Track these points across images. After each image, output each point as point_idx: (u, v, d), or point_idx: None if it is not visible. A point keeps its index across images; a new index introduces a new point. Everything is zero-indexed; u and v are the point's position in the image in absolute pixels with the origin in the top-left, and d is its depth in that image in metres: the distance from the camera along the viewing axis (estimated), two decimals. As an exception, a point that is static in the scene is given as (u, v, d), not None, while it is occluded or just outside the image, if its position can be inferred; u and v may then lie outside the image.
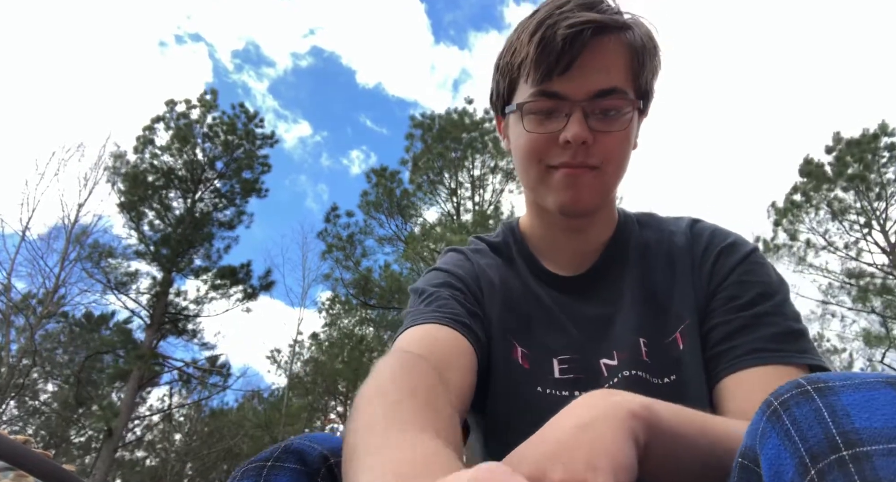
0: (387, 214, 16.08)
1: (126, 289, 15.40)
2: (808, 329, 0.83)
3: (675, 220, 0.98)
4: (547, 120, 0.81)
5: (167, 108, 16.53)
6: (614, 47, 0.79)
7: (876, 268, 14.31)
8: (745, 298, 0.81)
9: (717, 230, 0.92)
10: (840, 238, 14.77)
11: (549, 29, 0.77)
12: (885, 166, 14.25)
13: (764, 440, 0.46)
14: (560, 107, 0.80)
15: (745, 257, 0.86)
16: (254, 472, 0.55)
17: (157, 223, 15.71)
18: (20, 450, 1.16)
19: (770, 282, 0.84)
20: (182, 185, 16.10)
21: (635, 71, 0.82)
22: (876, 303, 13.89)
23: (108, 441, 13.39)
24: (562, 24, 0.77)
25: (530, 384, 0.85)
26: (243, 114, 17.11)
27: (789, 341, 0.78)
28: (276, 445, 0.58)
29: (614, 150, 0.82)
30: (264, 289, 16.72)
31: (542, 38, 0.78)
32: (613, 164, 0.83)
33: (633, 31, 0.81)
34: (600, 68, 0.79)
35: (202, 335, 16.16)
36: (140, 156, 15.94)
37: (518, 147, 0.86)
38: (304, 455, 0.57)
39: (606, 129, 0.80)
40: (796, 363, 0.75)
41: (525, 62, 0.80)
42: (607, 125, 0.80)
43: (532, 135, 0.82)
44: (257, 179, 17.06)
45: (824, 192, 14.79)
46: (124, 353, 14.93)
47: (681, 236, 0.92)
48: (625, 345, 0.85)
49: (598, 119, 0.80)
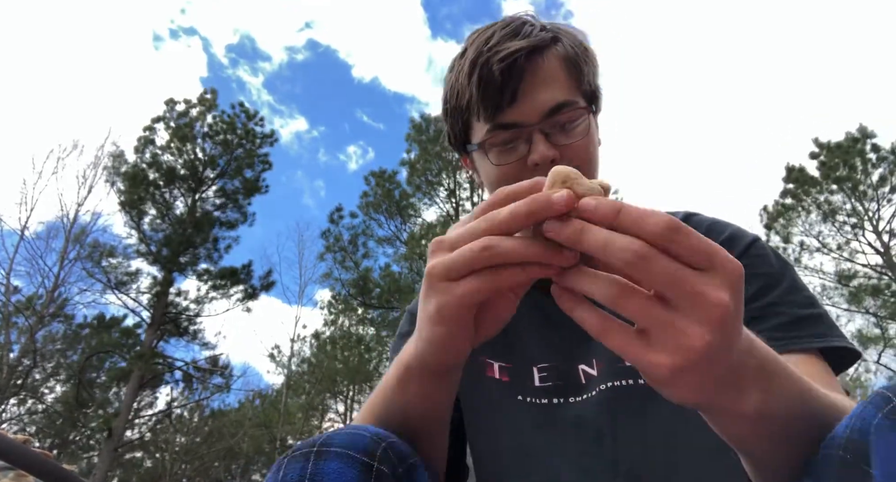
0: (386, 215, 16.09)
1: (126, 289, 15.42)
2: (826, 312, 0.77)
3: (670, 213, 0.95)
4: (510, 149, 0.82)
5: (167, 108, 16.57)
6: (549, 65, 0.81)
7: (870, 269, 14.33)
8: (750, 291, 0.76)
9: (714, 224, 0.89)
10: (833, 239, 14.80)
11: (483, 67, 0.80)
12: (872, 168, 14.28)
13: (880, 437, 0.43)
14: (518, 134, 0.81)
15: (745, 251, 0.83)
16: (301, 459, 0.52)
17: (157, 222, 15.72)
18: (20, 449, 1.16)
19: (772, 272, 0.80)
20: (183, 184, 16.10)
21: (576, 78, 0.84)
22: (870, 303, 13.91)
23: (108, 441, 13.42)
24: (494, 60, 0.79)
25: (511, 395, 0.84)
26: (243, 113, 17.16)
27: (800, 327, 0.74)
28: (322, 434, 0.56)
29: (582, 157, 0.83)
30: (264, 289, 16.76)
31: (479, 77, 0.80)
32: (586, 167, 0.83)
33: (561, 43, 0.83)
34: (543, 88, 0.80)
35: (203, 335, 16.18)
36: (140, 155, 15.97)
37: (490, 181, 0.87)
38: (354, 439, 0.54)
39: (569, 141, 0.81)
40: (811, 347, 0.72)
41: (472, 103, 0.83)
42: (569, 137, 0.82)
43: (501, 167, 0.83)
44: (258, 177, 17.06)
45: (814, 195, 14.81)
46: (125, 353, 14.95)
47: None
48: (604, 352, 0.82)
49: (559, 133, 0.81)
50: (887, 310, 13.66)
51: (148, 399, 17.91)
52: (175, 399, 17.32)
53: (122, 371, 14.77)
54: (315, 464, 0.51)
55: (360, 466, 0.51)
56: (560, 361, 0.84)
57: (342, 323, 19.30)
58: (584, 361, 0.83)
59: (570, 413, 0.80)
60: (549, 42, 0.82)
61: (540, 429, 0.80)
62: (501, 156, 0.83)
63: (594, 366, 0.82)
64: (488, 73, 0.79)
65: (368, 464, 0.52)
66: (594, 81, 0.87)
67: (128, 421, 14.37)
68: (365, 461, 0.52)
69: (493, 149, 0.83)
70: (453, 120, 0.89)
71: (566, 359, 0.84)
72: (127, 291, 15.39)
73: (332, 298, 18.57)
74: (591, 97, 0.87)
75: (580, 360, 0.83)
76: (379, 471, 0.52)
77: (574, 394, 0.81)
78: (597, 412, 0.78)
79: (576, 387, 0.82)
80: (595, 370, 0.82)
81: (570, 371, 0.83)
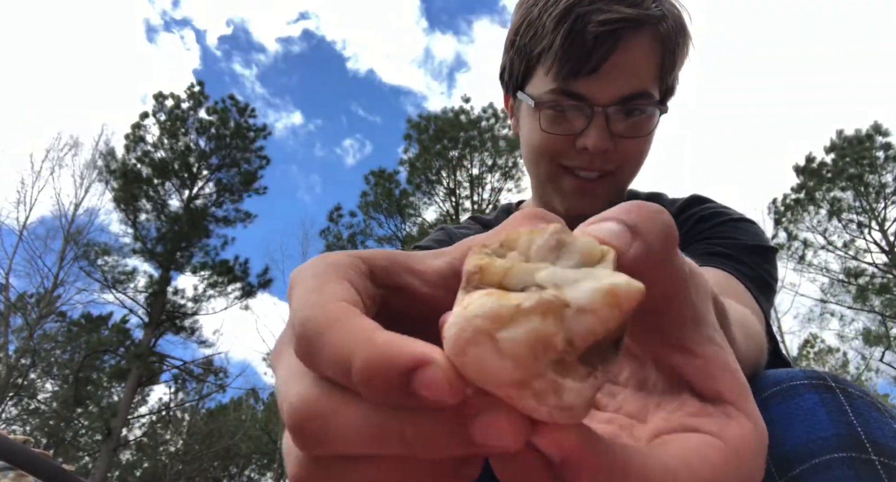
0: (386, 214, 16.11)
1: (124, 288, 15.40)
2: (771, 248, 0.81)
3: (675, 200, 0.94)
4: (565, 120, 0.76)
5: (156, 103, 16.46)
6: (646, 46, 0.73)
7: (876, 268, 14.35)
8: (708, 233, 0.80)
9: (711, 203, 0.89)
10: (839, 237, 14.83)
11: (578, 20, 0.70)
12: (881, 167, 14.31)
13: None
14: (581, 108, 0.74)
15: (728, 221, 0.83)
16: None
17: (153, 220, 15.69)
18: (20, 449, 1.16)
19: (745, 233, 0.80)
20: (176, 179, 16.04)
21: (664, 69, 0.76)
22: (875, 302, 13.93)
23: (107, 440, 13.38)
24: (594, 19, 0.69)
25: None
26: (234, 106, 17.01)
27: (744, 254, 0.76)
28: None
29: (633, 155, 0.78)
30: (262, 287, 16.73)
31: (570, 30, 0.70)
32: (630, 167, 0.79)
33: (665, 22, 0.74)
34: (630, 71, 0.73)
35: (200, 333, 16.18)
36: (132, 153, 15.90)
37: (530, 142, 0.81)
38: None
39: (629, 134, 0.76)
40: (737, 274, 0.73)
41: (548, 53, 0.73)
42: (630, 129, 0.76)
43: (547, 135, 0.77)
44: (255, 173, 16.97)
45: (823, 191, 14.85)
46: (123, 352, 14.92)
47: (673, 212, 0.89)
48: None
49: (621, 122, 0.75)
50: (892, 310, 13.68)
51: (142, 398, 17.90)
52: (172, 399, 17.31)
53: (119, 370, 14.72)
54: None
55: None
56: None
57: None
58: None
59: None
60: (655, 18, 0.73)
61: None
62: (553, 123, 0.76)
63: None
64: (581, 31, 0.70)
65: None
66: (677, 76, 0.80)
67: (126, 420, 14.34)
68: None
69: (549, 112, 0.76)
70: (516, 57, 0.79)
71: None
72: (124, 290, 15.37)
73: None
74: (667, 93, 0.80)
75: None
76: None
77: None
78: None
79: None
80: None
81: None
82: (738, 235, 0.79)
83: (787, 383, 0.46)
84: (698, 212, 0.86)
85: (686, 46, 0.79)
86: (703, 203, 0.89)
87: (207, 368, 16.15)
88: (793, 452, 0.42)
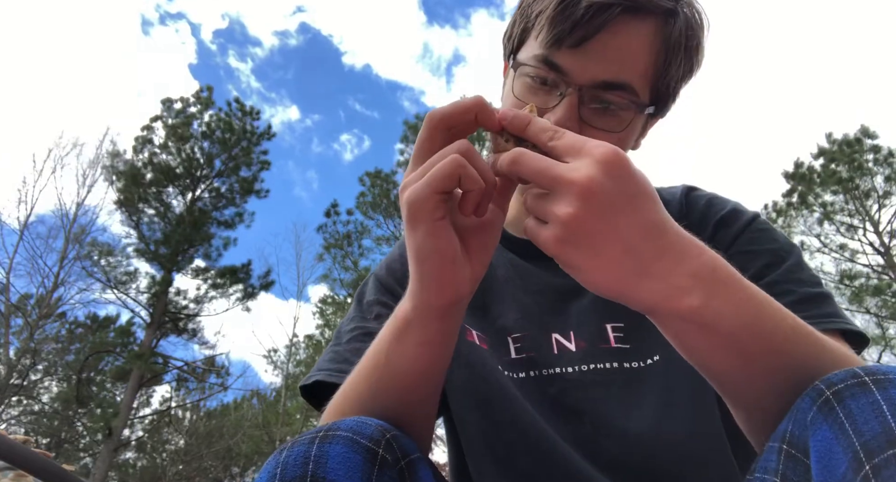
0: (384, 214, 16.11)
1: (126, 288, 15.43)
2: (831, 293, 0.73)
3: (668, 188, 0.88)
4: (539, 91, 0.72)
5: (164, 107, 16.56)
6: (643, 36, 0.68)
7: (870, 269, 14.34)
8: (752, 270, 0.71)
9: (714, 198, 0.84)
10: (833, 239, 14.82)
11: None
12: (870, 170, 14.31)
13: (814, 431, 0.43)
14: (557, 82, 0.70)
15: (747, 225, 0.77)
16: (305, 442, 0.50)
17: (156, 222, 15.72)
18: (20, 449, 1.16)
19: (777, 248, 0.74)
20: (181, 182, 16.09)
21: (658, 69, 0.70)
22: (871, 303, 13.91)
23: (108, 441, 13.40)
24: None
25: (492, 362, 0.79)
26: (240, 110, 17.11)
27: (810, 307, 0.67)
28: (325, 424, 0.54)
29: None
30: (264, 289, 16.76)
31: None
32: None
33: (674, 19, 0.69)
34: (615, 56, 0.68)
35: (202, 334, 16.19)
36: (139, 155, 15.99)
37: (503, 105, 0.77)
38: (360, 426, 0.53)
39: (596, 125, 0.70)
40: (827, 329, 0.64)
41: (541, 16, 0.70)
42: (600, 120, 0.70)
43: (515, 101, 0.73)
44: (256, 176, 17.02)
45: (815, 195, 14.83)
46: (124, 353, 14.94)
47: (674, 205, 0.83)
48: (584, 328, 0.78)
49: (593, 111, 0.70)
50: (888, 311, 13.66)
51: (145, 398, 17.91)
52: (173, 399, 17.32)
53: (121, 370, 14.74)
54: (319, 446, 0.49)
55: (364, 452, 0.50)
56: (534, 330, 0.80)
57: (337, 323, 19.28)
58: (558, 331, 0.79)
59: (550, 390, 0.77)
60: (663, 10, 0.68)
61: (527, 404, 0.76)
62: (527, 91, 0.73)
63: (572, 339, 0.78)
64: (577, 1, 0.66)
65: (374, 451, 0.51)
66: (678, 84, 0.75)
67: (128, 420, 14.36)
68: (370, 447, 0.51)
69: (525, 79, 0.73)
70: (519, 17, 0.76)
71: (540, 327, 0.80)
72: (126, 291, 15.40)
73: (322, 302, 18.59)
74: (659, 98, 0.74)
75: (554, 329, 0.79)
76: (383, 458, 0.51)
77: (546, 365, 0.78)
78: (578, 396, 0.75)
79: (547, 357, 0.78)
80: (573, 344, 0.78)
81: (543, 340, 0.79)
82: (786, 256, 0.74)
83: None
84: (713, 213, 0.81)
85: (692, 56, 0.73)
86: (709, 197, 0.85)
87: (209, 368, 16.16)
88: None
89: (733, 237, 0.77)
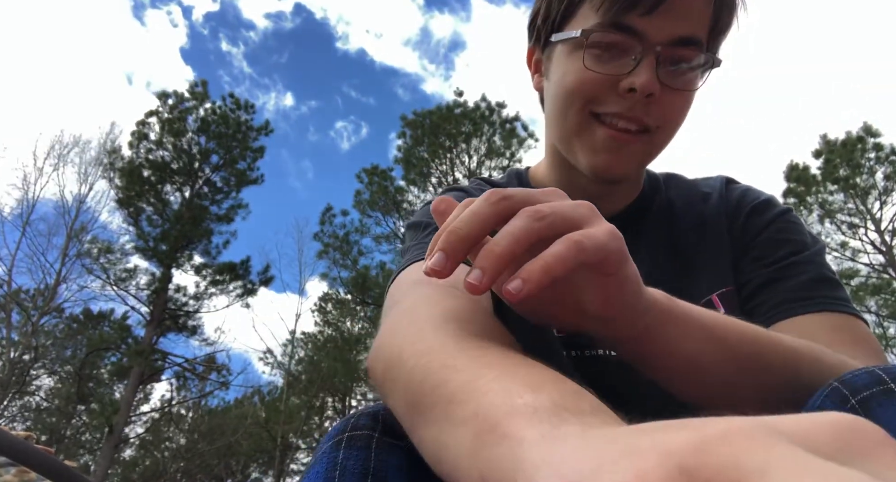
0: (383, 212, 16.06)
1: (126, 285, 15.42)
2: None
3: (705, 180, 0.90)
4: (610, 59, 0.68)
5: (160, 102, 16.48)
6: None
7: (871, 268, 14.34)
8: (774, 256, 0.74)
9: (749, 189, 0.86)
10: (832, 240, 14.81)
11: None
12: (873, 168, 14.29)
13: None
14: (631, 47, 0.66)
15: (779, 215, 0.79)
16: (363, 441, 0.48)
17: (155, 218, 15.70)
18: (22, 445, 1.14)
19: (804, 240, 0.77)
20: (178, 178, 16.05)
21: (718, 23, 0.70)
22: (871, 302, 13.92)
23: (108, 437, 13.42)
24: None
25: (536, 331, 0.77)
26: (234, 104, 17.00)
27: (825, 287, 0.69)
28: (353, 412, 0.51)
29: (675, 112, 0.71)
30: (263, 285, 16.76)
31: None
32: (668, 129, 0.72)
33: None
34: (686, 13, 0.66)
35: (202, 331, 16.20)
36: (135, 150, 15.91)
37: (562, 85, 0.72)
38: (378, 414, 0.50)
39: (675, 86, 0.68)
40: (837, 310, 0.67)
41: None
42: (677, 80, 0.68)
43: (587, 73, 0.68)
44: (251, 166, 16.92)
45: (816, 193, 14.82)
46: (124, 350, 14.95)
47: (715, 197, 0.84)
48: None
49: (668, 71, 0.68)
50: (888, 309, 13.67)
51: (143, 396, 17.92)
52: (174, 397, 17.33)
53: (121, 367, 14.75)
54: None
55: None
56: None
57: (337, 320, 19.28)
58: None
59: (590, 371, 0.75)
60: None
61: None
62: (597, 61, 0.68)
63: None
64: None
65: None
66: (723, 39, 0.74)
67: (128, 418, 14.37)
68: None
69: (595, 49, 0.68)
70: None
71: None
72: (126, 288, 15.40)
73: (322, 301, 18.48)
74: (715, 52, 0.73)
75: None
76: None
77: (587, 345, 0.75)
78: (617, 379, 0.72)
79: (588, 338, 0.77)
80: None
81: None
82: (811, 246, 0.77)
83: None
84: (747, 201, 0.83)
85: (735, 9, 0.73)
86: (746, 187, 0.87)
87: (209, 365, 16.17)
88: None
89: (764, 225, 0.79)
